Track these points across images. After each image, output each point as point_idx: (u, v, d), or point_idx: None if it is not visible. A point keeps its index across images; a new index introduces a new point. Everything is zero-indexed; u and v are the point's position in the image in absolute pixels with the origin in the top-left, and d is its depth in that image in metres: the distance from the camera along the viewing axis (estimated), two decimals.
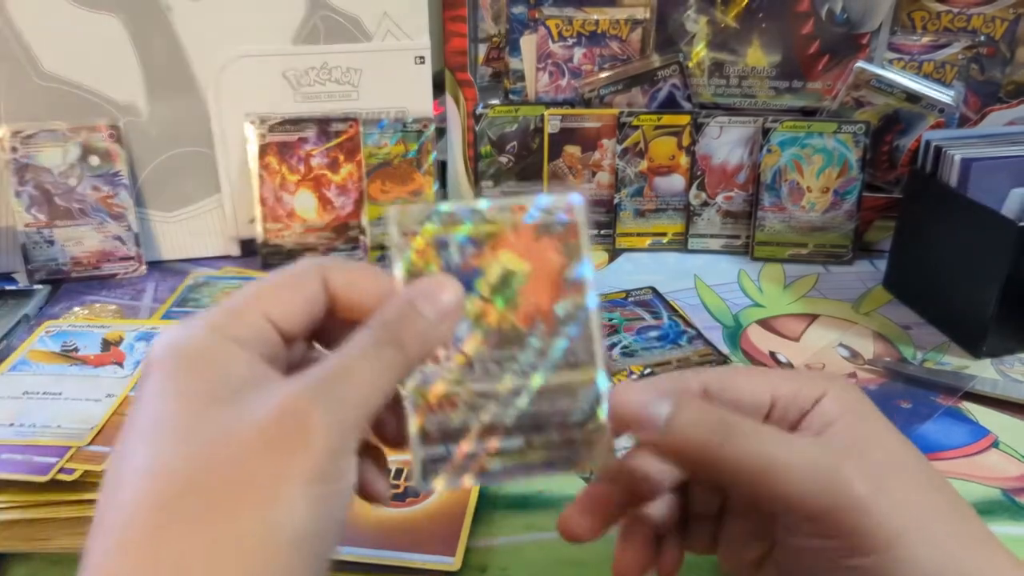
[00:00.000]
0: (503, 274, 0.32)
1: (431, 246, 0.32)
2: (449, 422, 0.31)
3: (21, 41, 0.67)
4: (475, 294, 0.32)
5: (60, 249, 0.71)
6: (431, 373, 0.31)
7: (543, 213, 0.32)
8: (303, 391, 0.26)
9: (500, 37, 0.79)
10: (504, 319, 0.32)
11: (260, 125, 0.72)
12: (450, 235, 0.32)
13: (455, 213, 0.32)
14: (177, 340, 0.28)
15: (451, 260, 0.32)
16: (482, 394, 0.31)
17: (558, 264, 0.32)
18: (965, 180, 0.62)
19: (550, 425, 0.31)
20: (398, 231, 0.32)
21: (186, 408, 0.26)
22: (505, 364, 0.31)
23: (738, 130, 0.75)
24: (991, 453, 0.52)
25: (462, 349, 0.31)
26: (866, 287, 0.72)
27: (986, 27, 0.74)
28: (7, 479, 0.39)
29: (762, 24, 0.76)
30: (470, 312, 0.31)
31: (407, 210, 0.32)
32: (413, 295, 0.30)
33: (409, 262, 0.31)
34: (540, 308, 0.32)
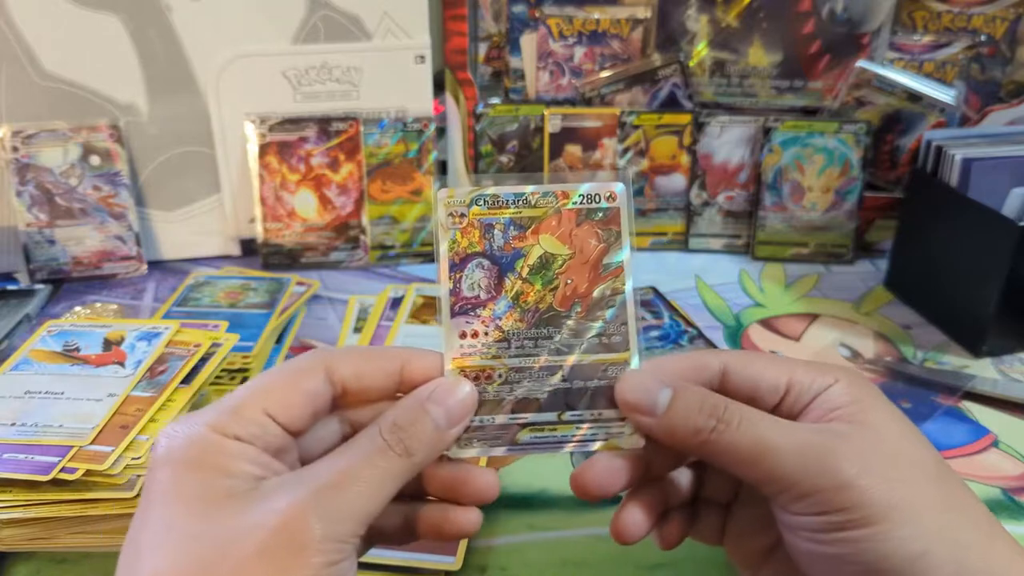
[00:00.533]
0: (543, 257, 0.33)
1: (476, 228, 0.33)
2: (485, 394, 0.32)
3: (21, 41, 0.67)
4: (515, 274, 0.33)
5: (61, 249, 0.71)
6: (469, 347, 0.33)
7: (586, 200, 0.33)
8: (302, 503, 0.27)
9: (500, 36, 0.79)
10: (542, 300, 0.33)
11: (260, 125, 0.72)
12: (495, 218, 0.33)
13: (500, 197, 0.33)
14: (179, 441, 0.28)
15: (494, 242, 0.33)
16: (517, 369, 0.33)
17: (598, 249, 0.33)
18: (966, 180, 0.62)
19: (582, 403, 0.33)
20: (445, 212, 0.33)
21: (189, 513, 0.27)
22: (541, 342, 0.33)
23: (739, 129, 0.75)
24: (991, 452, 0.52)
25: (500, 326, 0.33)
26: (867, 287, 0.72)
27: (987, 27, 0.74)
28: (9, 478, 0.39)
29: (763, 23, 0.76)
30: (509, 291, 0.33)
31: (455, 192, 0.33)
32: (425, 398, 0.31)
33: (454, 242, 0.33)
34: (578, 291, 0.33)
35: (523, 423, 0.33)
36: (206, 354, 0.48)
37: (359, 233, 0.75)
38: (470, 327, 0.33)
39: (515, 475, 0.49)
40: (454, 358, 0.32)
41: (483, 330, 0.33)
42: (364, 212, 0.74)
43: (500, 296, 0.33)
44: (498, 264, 0.33)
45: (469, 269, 0.33)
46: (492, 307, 0.33)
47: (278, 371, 0.31)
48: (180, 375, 0.46)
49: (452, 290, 0.33)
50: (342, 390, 0.32)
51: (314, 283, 0.70)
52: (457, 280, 0.33)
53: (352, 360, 0.32)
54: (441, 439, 0.31)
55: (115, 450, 0.40)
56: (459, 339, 0.33)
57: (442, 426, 0.31)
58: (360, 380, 0.32)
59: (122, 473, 0.40)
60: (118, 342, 0.48)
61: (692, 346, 0.61)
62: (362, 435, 0.30)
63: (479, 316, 0.33)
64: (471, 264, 0.33)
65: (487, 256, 0.33)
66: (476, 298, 0.33)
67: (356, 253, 0.75)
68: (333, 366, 0.31)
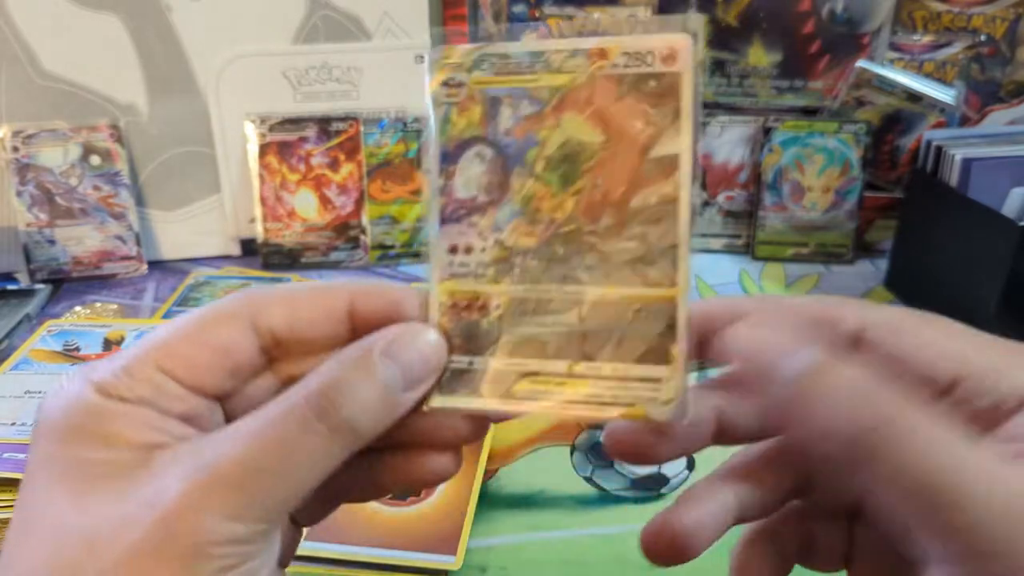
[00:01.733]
0: (566, 145, 0.24)
1: (477, 102, 0.25)
2: (477, 330, 0.25)
3: (21, 41, 0.67)
4: (526, 170, 0.24)
5: (61, 249, 0.71)
6: (461, 266, 0.25)
7: (633, 60, 0.23)
8: (194, 489, 0.21)
9: (500, 36, 0.79)
10: (560, 207, 0.24)
11: (260, 124, 0.72)
12: (503, 88, 0.25)
13: (512, 57, 0.24)
14: (61, 404, 0.23)
15: (501, 122, 0.25)
16: (521, 300, 0.25)
17: (644, 136, 0.24)
18: (966, 180, 0.62)
19: (603, 352, 0.24)
20: (439, 79, 0.25)
21: (63, 497, 0.22)
22: (555, 266, 0.24)
23: (739, 129, 0.75)
24: None
25: (502, 240, 0.25)
26: (867, 287, 0.72)
27: (986, 27, 0.74)
28: (9, 478, 0.39)
29: (763, 23, 0.76)
30: (518, 193, 0.24)
31: (453, 51, 0.25)
32: (373, 349, 0.23)
33: (448, 121, 0.25)
34: (610, 196, 0.24)
35: (523, 371, 0.24)
36: None
37: (359, 233, 0.75)
38: (463, 239, 0.25)
39: (515, 475, 0.49)
40: (441, 279, 0.25)
41: (480, 244, 0.25)
42: (364, 212, 0.74)
43: (505, 199, 0.25)
44: (504, 155, 0.25)
45: (465, 160, 0.25)
46: (493, 214, 0.25)
47: (186, 319, 0.24)
48: None
49: (442, 188, 0.25)
50: (272, 340, 0.24)
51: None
52: (449, 175, 0.25)
53: (284, 302, 0.24)
54: (395, 405, 0.23)
55: None
56: (448, 254, 0.25)
57: (397, 388, 0.23)
58: (295, 327, 0.24)
59: None
60: (118, 342, 0.48)
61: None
62: (276, 402, 0.22)
63: (475, 225, 0.25)
64: (468, 153, 0.25)
65: (489, 143, 0.25)
66: (472, 200, 0.25)
67: (356, 253, 0.75)
68: (259, 311, 0.24)
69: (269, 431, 0.22)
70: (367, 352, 0.23)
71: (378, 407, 0.22)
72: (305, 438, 0.21)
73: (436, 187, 0.25)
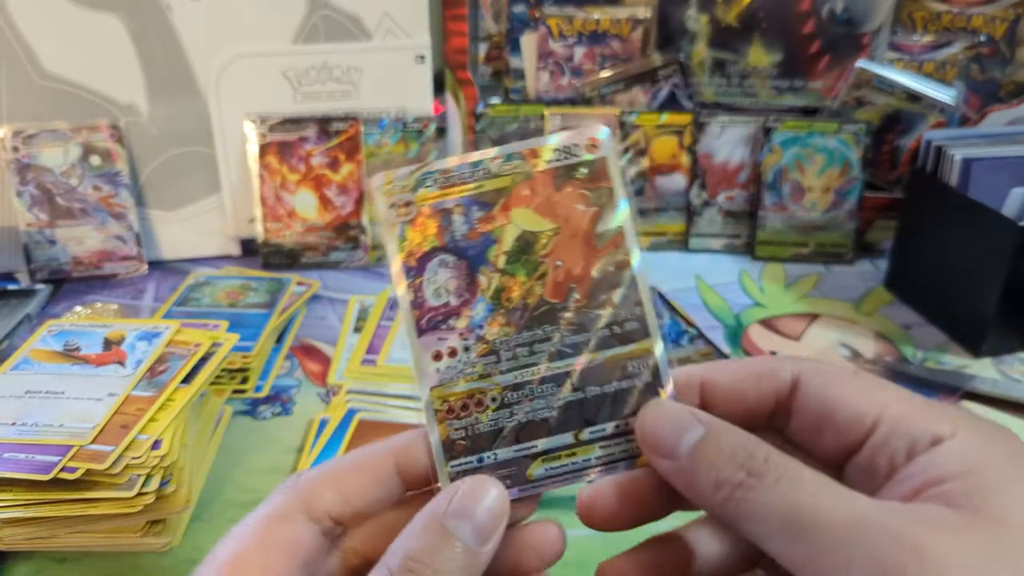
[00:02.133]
0: (521, 238, 0.26)
1: (429, 217, 0.26)
2: (478, 426, 0.26)
3: (21, 41, 0.67)
4: (489, 267, 0.26)
5: (61, 249, 0.71)
6: (448, 370, 0.26)
7: (562, 154, 0.26)
8: None
9: (500, 36, 0.79)
10: (530, 293, 0.26)
11: (260, 124, 0.72)
12: (450, 200, 0.26)
13: (453, 171, 0.26)
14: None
15: (456, 230, 0.26)
16: (514, 387, 0.26)
17: (588, 215, 0.26)
18: (966, 180, 0.62)
19: (601, 414, 0.26)
20: (386, 203, 0.26)
21: None
22: (537, 347, 0.26)
23: (739, 129, 0.75)
24: None
25: (483, 336, 0.26)
26: (867, 287, 0.72)
27: (986, 27, 0.74)
28: (10, 478, 0.39)
29: (763, 23, 0.76)
30: (487, 289, 0.26)
31: (393, 176, 0.26)
32: (442, 514, 0.24)
33: (404, 240, 0.26)
34: (572, 273, 0.26)
35: (533, 453, 0.26)
36: (206, 354, 0.48)
37: (359, 233, 0.75)
38: (445, 344, 0.26)
39: None
40: (432, 387, 0.26)
41: (462, 345, 0.26)
42: (364, 212, 0.74)
43: (476, 298, 0.26)
44: (466, 258, 0.26)
45: (430, 271, 0.26)
46: (468, 314, 0.26)
47: (243, 531, 0.25)
48: (180, 375, 0.46)
49: (413, 302, 0.26)
50: (332, 522, 0.25)
51: (314, 283, 0.70)
52: (417, 288, 0.26)
53: (332, 484, 0.25)
54: (476, 563, 0.23)
55: (115, 450, 0.40)
56: (433, 361, 0.26)
57: (473, 545, 0.23)
58: (350, 502, 0.25)
59: (122, 473, 0.40)
60: (118, 342, 0.48)
61: (692, 346, 0.61)
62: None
63: (454, 328, 0.26)
64: (432, 264, 0.26)
65: (450, 250, 0.26)
66: (446, 306, 0.26)
67: (356, 253, 0.75)
68: (311, 500, 0.25)
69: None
70: (438, 518, 0.23)
71: (461, 568, 0.23)
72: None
73: (407, 302, 0.26)
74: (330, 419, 0.52)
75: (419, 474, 0.26)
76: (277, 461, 0.50)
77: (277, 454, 0.51)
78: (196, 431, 0.48)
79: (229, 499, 0.47)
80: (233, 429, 0.53)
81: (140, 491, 0.39)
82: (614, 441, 0.26)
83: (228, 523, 0.45)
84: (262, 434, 0.53)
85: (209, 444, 0.50)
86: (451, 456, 0.26)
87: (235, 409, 0.55)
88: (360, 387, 0.56)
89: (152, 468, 0.40)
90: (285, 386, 0.57)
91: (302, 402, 0.56)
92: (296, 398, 0.56)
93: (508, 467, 0.26)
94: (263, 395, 0.56)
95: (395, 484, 0.26)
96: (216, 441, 0.51)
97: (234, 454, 0.51)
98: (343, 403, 0.54)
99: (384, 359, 0.59)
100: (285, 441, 0.52)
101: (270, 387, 0.57)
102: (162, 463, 0.41)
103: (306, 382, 0.58)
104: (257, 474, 0.49)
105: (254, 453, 0.51)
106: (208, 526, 0.45)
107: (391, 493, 0.26)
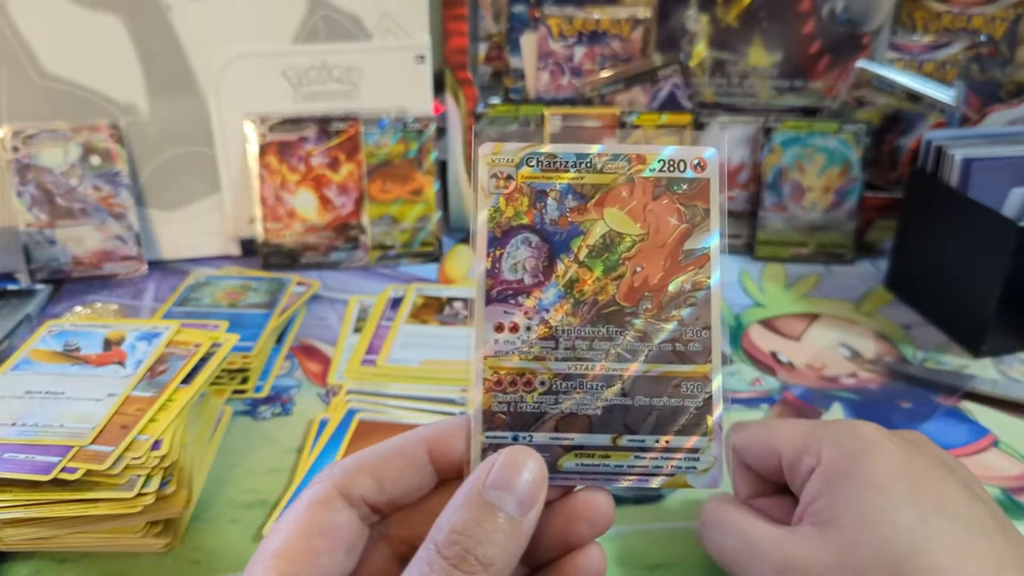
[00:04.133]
0: (607, 236, 0.26)
1: (525, 194, 0.27)
2: (522, 405, 0.26)
3: (21, 41, 0.67)
4: (570, 256, 0.26)
5: (61, 249, 0.71)
6: (506, 344, 0.26)
7: (667, 167, 0.26)
8: None
9: (500, 36, 0.79)
10: (603, 290, 0.26)
11: (260, 125, 0.72)
12: (549, 183, 0.27)
13: (558, 157, 0.27)
14: None
15: (547, 213, 0.26)
16: (565, 376, 0.26)
17: (678, 231, 0.26)
18: (966, 180, 0.62)
19: (645, 426, 0.26)
20: (488, 171, 0.27)
21: None
22: (597, 344, 0.26)
23: (739, 129, 0.75)
24: (991, 452, 0.52)
25: (547, 320, 0.26)
26: (867, 287, 0.72)
27: (987, 27, 0.74)
28: (9, 478, 0.39)
29: (763, 23, 0.76)
30: (562, 277, 0.26)
31: (502, 148, 0.27)
32: (482, 486, 0.24)
33: (496, 210, 0.26)
34: (649, 282, 0.26)
35: (568, 445, 0.26)
36: (206, 354, 0.48)
37: (359, 233, 0.75)
38: (509, 318, 0.26)
39: None
40: (486, 356, 0.26)
41: (525, 323, 0.26)
42: (364, 212, 0.74)
43: (549, 282, 0.26)
44: (550, 242, 0.27)
45: (513, 246, 0.27)
46: (538, 295, 0.26)
47: (287, 519, 0.26)
48: (180, 375, 0.46)
49: (489, 270, 0.27)
50: (369, 507, 0.26)
51: (314, 283, 0.70)
52: (496, 258, 0.27)
53: (368, 470, 0.26)
54: (520, 533, 0.24)
55: (115, 450, 0.40)
56: (494, 332, 0.26)
57: (516, 515, 0.24)
58: (386, 488, 0.26)
59: (122, 473, 0.40)
60: (118, 342, 0.48)
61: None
62: (414, 563, 0.23)
63: (521, 305, 0.26)
64: (516, 239, 0.27)
65: (537, 231, 0.27)
66: (519, 282, 0.27)
67: (356, 253, 0.75)
68: (348, 486, 0.26)
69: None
70: (479, 491, 0.24)
71: (506, 537, 0.23)
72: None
73: (483, 268, 0.27)
74: (330, 419, 0.52)
75: (452, 463, 0.26)
76: (277, 461, 0.50)
77: (277, 454, 0.51)
78: (196, 431, 0.48)
79: (229, 499, 0.47)
80: (233, 429, 0.53)
81: (140, 492, 0.39)
82: (650, 455, 0.26)
83: (228, 523, 0.45)
84: (262, 434, 0.53)
85: (209, 444, 0.50)
86: (489, 427, 0.26)
87: (235, 409, 0.55)
88: (360, 387, 0.56)
89: (152, 469, 0.40)
90: (285, 386, 0.57)
91: (302, 402, 0.56)
92: (296, 398, 0.56)
93: (540, 452, 0.26)
94: (263, 395, 0.56)
95: (428, 472, 0.27)
96: (216, 441, 0.51)
97: (234, 454, 0.51)
98: (343, 403, 0.54)
99: (384, 359, 0.59)
100: (285, 441, 0.52)
101: (270, 387, 0.57)
102: (162, 463, 0.41)
103: (306, 382, 0.58)
104: (257, 474, 0.49)
105: (254, 453, 0.51)
106: (208, 526, 0.45)
107: (425, 481, 0.27)
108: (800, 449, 0.30)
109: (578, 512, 0.26)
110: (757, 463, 0.33)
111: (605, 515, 0.26)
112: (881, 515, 0.27)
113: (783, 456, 0.30)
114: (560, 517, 0.26)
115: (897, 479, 0.28)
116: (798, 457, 0.30)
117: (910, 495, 0.27)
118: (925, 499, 0.27)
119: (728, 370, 0.60)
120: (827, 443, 0.29)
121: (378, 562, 0.27)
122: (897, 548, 0.26)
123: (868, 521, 0.27)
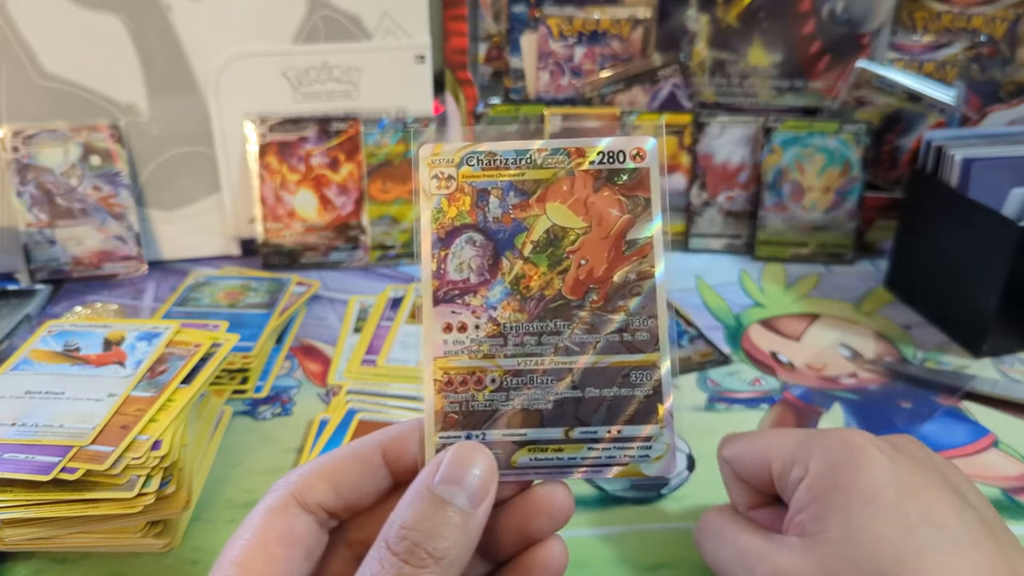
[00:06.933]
0: (551, 230, 0.26)
1: (466, 194, 0.27)
2: (473, 403, 0.26)
3: (21, 41, 0.67)
4: (515, 253, 0.27)
5: (61, 249, 0.71)
6: (455, 344, 0.26)
7: (607, 158, 0.26)
8: None
9: (500, 36, 0.79)
10: (549, 285, 0.26)
11: (260, 125, 0.72)
12: (490, 181, 0.27)
13: (498, 155, 0.27)
14: None
15: (489, 212, 0.27)
16: (515, 373, 0.26)
17: (621, 222, 0.26)
18: (966, 180, 0.62)
19: (596, 417, 0.26)
20: (428, 174, 0.27)
21: None
22: (545, 339, 0.26)
23: (739, 129, 0.75)
24: (991, 453, 0.52)
25: (495, 317, 0.26)
26: (867, 287, 0.72)
27: (987, 27, 0.74)
28: (9, 478, 0.39)
29: (763, 24, 0.76)
30: (507, 274, 0.26)
31: (441, 149, 0.27)
32: (432, 482, 0.24)
33: (439, 211, 0.27)
34: (594, 274, 0.26)
35: (521, 440, 0.26)
36: (206, 354, 0.48)
37: (359, 233, 0.75)
38: (457, 318, 0.27)
39: None
40: (436, 357, 0.26)
41: (473, 322, 0.26)
42: (364, 212, 0.74)
43: (495, 280, 0.27)
44: (494, 240, 0.27)
45: (457, 246, 0.27)
46: (485, 293, 0.27)
47: (247, 527, 0.26)
48: (180, 375, 0.46)
49: (435, 272, 0.27)
50: (326, 513, 0.26)
51: (314, 283, 0.70)
52: (441, 259, 0.27)
53: (323, 476, 0.26)
54: (471, 526, 0.24)
55: (115, 450, 0.40)
56: (443, 332, 0.26)
57: (467, 508, 0.24)
58: (342, 493, 0.26)
59: (122, 473, 0.40)
60: (118, 342, 0.48)
61: (692, 347, 0.61)
62: (366, 563, 0.23)
63: (468, 304, 0.27)
64: (460, 239, 0.27)
65: (480, 230, 0.27)
66: (465, 282, 0.27)
67: (356, 253, 0.75)
68: (303, 493, 0.26)
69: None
70: (428, 486, 0.24)
71: (457, 531, 0.23)
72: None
73: (428, 271, 0.27)
74: (330, 419, 0.52)
75: (407, 465, 0.27)
76: (277, 461, 0.50)
77: (277, 454, 0.51)
78: (196, 431, 0.48)
79: (229, 499, 0.47)
80: (233, 429, 0.53)
81: (140, 492, 0.39)
82: (602, 446, 0.26)
83: (228, 523, 0.45)
84: (262, 434, 0.53)
85: (209, 444, 0.50)
86: (442, 427, 0.26)
87: (235, 409, 0.55)
88: (360, 387, 0.56)
89: (152, 469, 0.40)
90: (285, 386, 0.57)
91: (302, 402, 0.56)
92: (296, 398, 0.56)
93: (493, 449, 0.26)
94: (263, 395, 0.56)
95: (384, 475, 0.27)
96: (216, 441, 0.51)
97: (234, 454, 0.51)
98: (343, 403, 0.54)
99: (384, 359, 0.59)
100: (285, 441, 0.52)
101: (270, 387, 0.57)
102: (162, 464, 0.41)
103: (306, 382, 0.58)
104: (257, 474, 0.49)
105: (254, 453, 0.51)
106: (208, 527, 0.45)
107: (381, 484, 0.27)
108: (789, 460, 0.30)
109: (537, 506, 0.26)
110: (749, 475, 0.33)
111: (564, 508, 0.26)
112: (867, 527, 0.27)
113: (773, 468, 0.31)
114: (519, 512, 0.26)
115: (884, 489, 0.28)
116: (787, 468, 0.30)
117: (896, 506, 0.27)
118: (912, 509, 0.27)
119: (728, 370, 0.60)
120: (815, 454, 0.29)
121: (338, 565, 0.27)
122: (882, 561, 0.26)
123: (853, 533, 0.27)
